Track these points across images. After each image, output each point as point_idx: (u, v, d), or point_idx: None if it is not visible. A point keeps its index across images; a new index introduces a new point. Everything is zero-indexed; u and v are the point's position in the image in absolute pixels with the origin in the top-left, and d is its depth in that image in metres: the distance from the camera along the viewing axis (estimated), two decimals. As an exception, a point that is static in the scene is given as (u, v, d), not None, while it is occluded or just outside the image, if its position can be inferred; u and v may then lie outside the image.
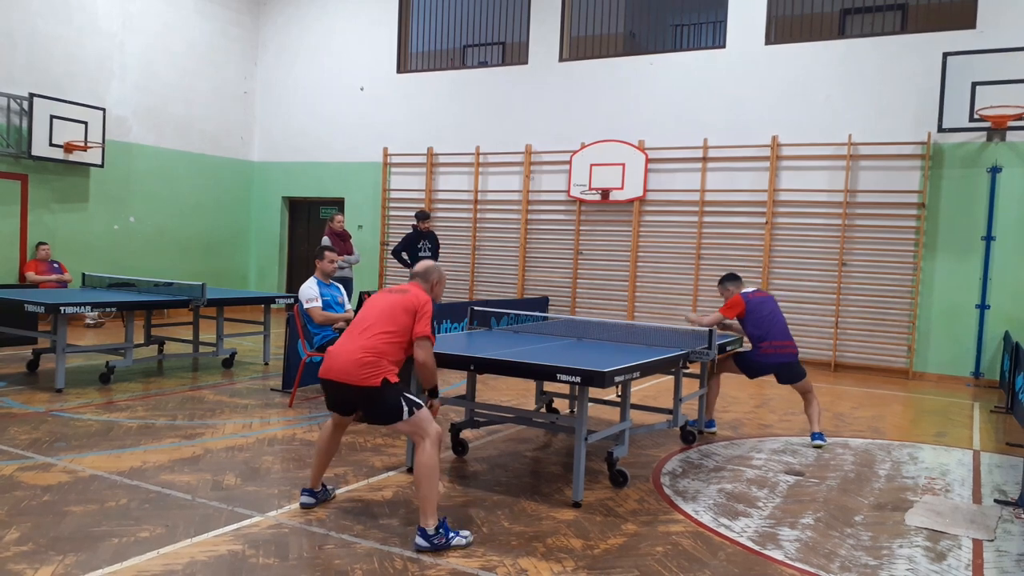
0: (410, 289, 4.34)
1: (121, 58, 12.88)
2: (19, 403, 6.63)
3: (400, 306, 4.18)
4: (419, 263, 4.57)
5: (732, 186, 11.42)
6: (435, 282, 4.51)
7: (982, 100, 9.51)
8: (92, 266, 12.23)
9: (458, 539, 3.89)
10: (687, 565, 3.80)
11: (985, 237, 10.06)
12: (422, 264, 4.56)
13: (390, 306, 4.20)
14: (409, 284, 4.45)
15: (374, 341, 4.07)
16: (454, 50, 15.04)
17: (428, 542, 3.82)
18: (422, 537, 3.83)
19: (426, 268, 4.51)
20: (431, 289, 4.46)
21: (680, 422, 6.14)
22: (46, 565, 3.46)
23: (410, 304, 4.19)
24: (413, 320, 4.16)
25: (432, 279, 4.50)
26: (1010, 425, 7.56)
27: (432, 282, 4.49)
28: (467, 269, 13.27)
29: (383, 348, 4.07)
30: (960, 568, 3.90)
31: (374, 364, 4.02)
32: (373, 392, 4.02)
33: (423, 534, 3.84)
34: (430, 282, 4.48)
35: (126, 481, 4.67)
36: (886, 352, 10.61)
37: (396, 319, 4.15)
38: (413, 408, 4.02)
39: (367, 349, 4.05)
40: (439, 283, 4.55)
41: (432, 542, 3.82)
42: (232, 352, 8.94)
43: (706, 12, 13.59)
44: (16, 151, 11.40)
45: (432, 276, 4.50)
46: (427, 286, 4.45)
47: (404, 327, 4.15)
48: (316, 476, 4.43)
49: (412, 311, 4.18)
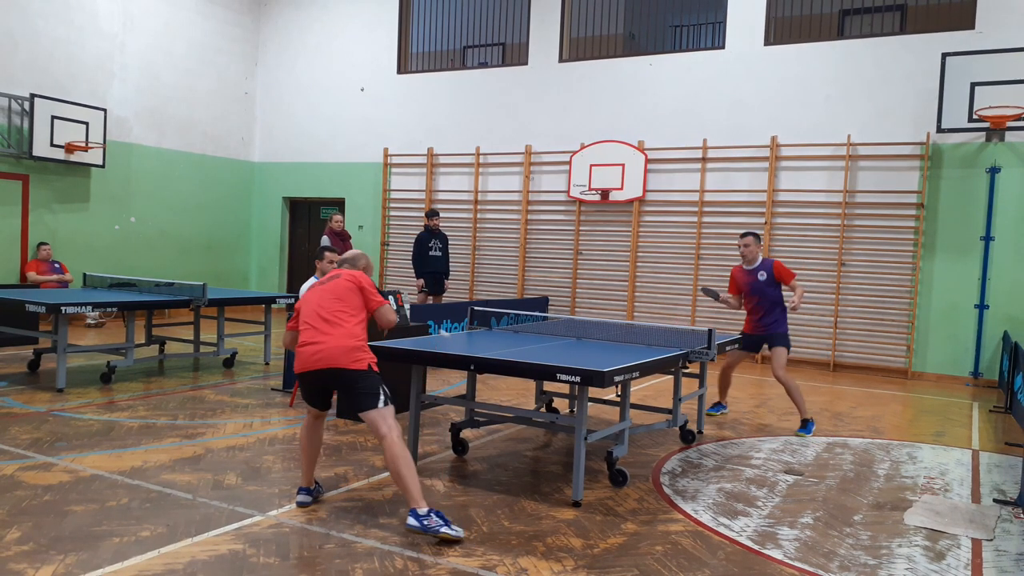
0: (341, 272, 4.49)
1: (122, 59, 12.89)
2: (20, 403, 6.65)
3: (345, 289, 4.35)
4: (347, 252, 4.75)
5: (731, 186, 11.44)
6: (363, 268, 4.64)
7: (981, 100, 9.52)
8: (93, 266, 12.25)
9: (448, 529, 3.91)
10: (686, 564, 3.82)
11: (984, 237, 10.07)
12: (349, 252, 4.73)
13: (338, 294, 4.34)
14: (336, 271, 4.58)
15: (351, 328, 4.23)
16: (454, 51, 15.06)
17: (419, 522, 3.92)
18: (413, 517, 3.95)
19: (353, 255, 4.68)
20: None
21: (680, 422, 6.15)
22: (47, 564, 3.47)
23: (352, 284, 4.37)
24: (362, 297, 4.36)
25: (360, 265, 4.64)
26: (1009, 425, 7.58)
27: (360, 268, 4.63)
28: (467, 269, 13.29)
29: (359, 332, 4.27)
30: (959, 567, 3.91)
31: (360, 349, 4.21)
32: (359, 376, 4.15)
33: (414, 515, 3.95)
34: (357, 267, 4.62)
35: (127, 481, 4.69)
36: (885, 352, 10.62)
37: (351, 302, 4.33)
38: (388, 400, 4.18)
39: (351, 335, 4.21)
40: (367, 269, 4.66)
41: (423, 523, 3.91)
42: (233, 352, 8.95)
43: (705, 13, 13.60)
44: (17, 151, 11.42)
45: (359, 263, 4.65)
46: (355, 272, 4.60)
47: (359, 306, 4.36)
48: (308, 473, 4.47)
49: (357, 289, 4.36)
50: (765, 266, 7.00)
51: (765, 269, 6.98)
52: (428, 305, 10.20)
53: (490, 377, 8.55)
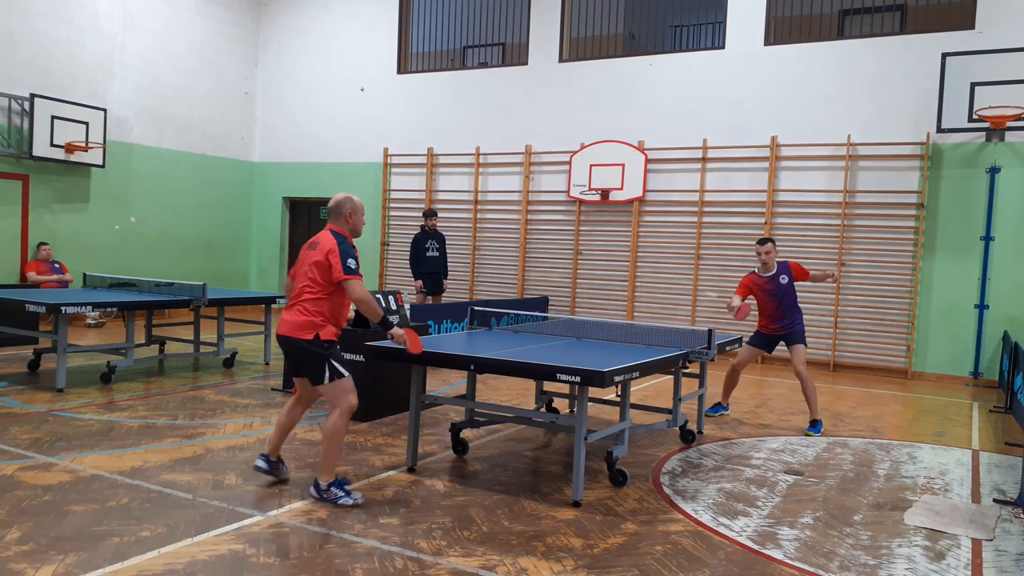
0: (320, 239, 4.36)
1: (122, 59, 12.89)
2: (20, 403, 6.65)
3: (311, 261, 4.30)
4: (331, 200, 4.48)
5: (731, 186, 11.44)
6: (348, 213, 4.42)
7: (981, 100, 9.52)
8: (93, 266, 12.26)
9: (346, 499, 4.26)
10: (686, 564, 3.82)
11: (984, 237, 10.07)
12: (333, 199, 4.47)
13: (306, 264, 4.34)
14: (323, 231, 4.45)
15: (305, 305, 4.30)
16: (454, 51, 15.06)
17: (319, 494, 4.31)
18: (314, 488, 4.36)
19: (337, 202, 4.44)
20: (347, 222, 4.43)
21: (680, 422, 6.15)
22: (47, 564, 3.47)
23: (319, 257, 4.27)
24: (329, 272, 4.27)
25: (345, 211, 4.42)
26: (1009, 425, 7.58)
27: (345, 214, 4.42)
28: (467, 269, 13.29)
29: (312, 307, 4.29)
30: (959, 567, 3.91)
31: (309, 325, 4.29)
32: (304, 346, 4.28)
33: (316, 486, 4.35)
34: (343, 215, 4.42)
35: (127, 481, 4.69)
36: (885, 352, 10.62)
37: (313, 275, 4.29)
38: (334, 376, 4.30)
39: (302, 311, 4.31)
40: (353, 213, 4.44)
41: (323, 496, 4.30)
42: (233, 352, 8.95)
43: (705, 13, 13.60)
44: (17, 151, 11.42)
45: (344, 208, 4.42)
46: (341, 222, 4.43)
47: (324, 280, 4.28)
48: (274, 446, 4.65)
49: (324, 264, 4.27)
50: (784, 269, 7.04)
51: (785, 272, 7.03)
52: (428, 305, 10.20)
53: (490, 377, 8.55)
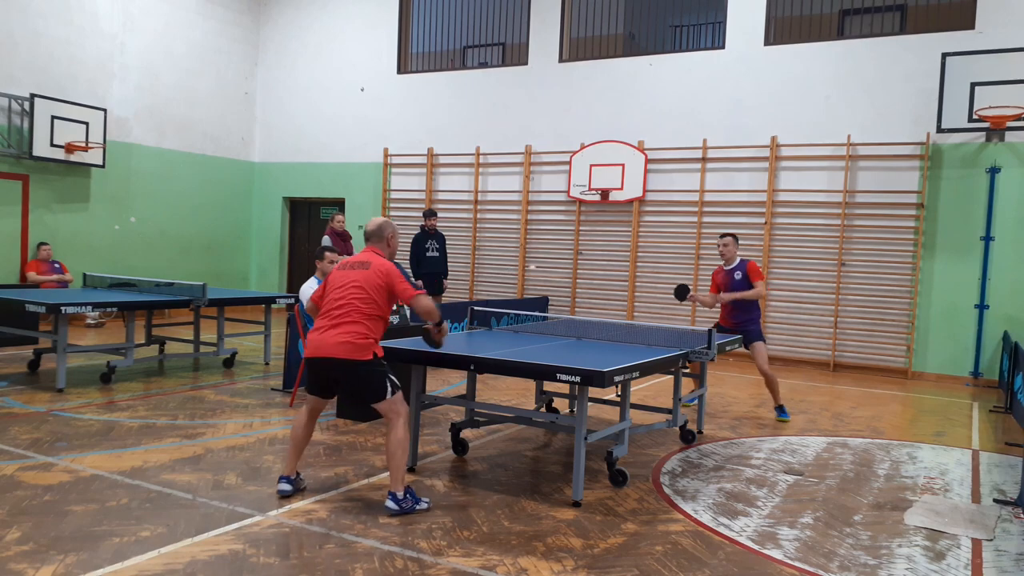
0: (371, 260, 4.39)
1: (122, 59, 12.89)
2: (20, 403, 6.65)
3: (369, 285, 4.30)
4: (370, 222, 4.58)
5: (731, 186, 11.44)
6: (390, 236, 4.56)
7: (981, 100, 9.52)
8: (93, 266, 12.26)
9: (421, 505, 4.32)
10: (686, 564, 3.82)
11: (984, 237, 10.07)
12: (373, 222, 4.56)
13: (360, 286, 4.31)
14: (367, 252, 4.48)
15: (359, 327, 4.26)
16: (454, 51, 15.06)
17: (398, 505, 4.24)
18: (392, 500, 4.25)
19: (378, 226, 4.54)
20: (387, 246, 4.55)
21: (680, 422, 6.15)
22: (47, 564, 3.47)
23: (379, 281, 4.31)
24: (387, 294, 4.34)
25: (387, 234, 4.54)
26: (1009, 425, 7.57)
27: (387, 237, 4.54)
28: (467, 269, 13.29)
29: (368, 327, 4.29)
30: (959, 567, 3.91)
31: (367, 346, 4.28)
32: (362, 367, 4.25)
33: (394, 498, 4.26)
34: (384, 238, 4.54)
35: (127, 481, 4.69)
36: (885, 352, 10.62)
37: (371, 298, 4.30)
38: (395, 388, 4.32)
39: (358, 334, 4.25)
40: (394, 236, 4.59)
41: (402, 506, 4.24)
42: (233, 352, 8.95)
43: (705, 13, 13.59)
44: (17, 151, 11.42)
45: (386, 232, 4.55)
46: (383, 245, 4.53)
47: (382, 304, 4.34)
48: (292, 464, 4.57)
49: (384, 287, 4.33)
50: (741, 266, 7.44)
51: (741, 269, 7.42)
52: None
53: (490, 377, 8.55)
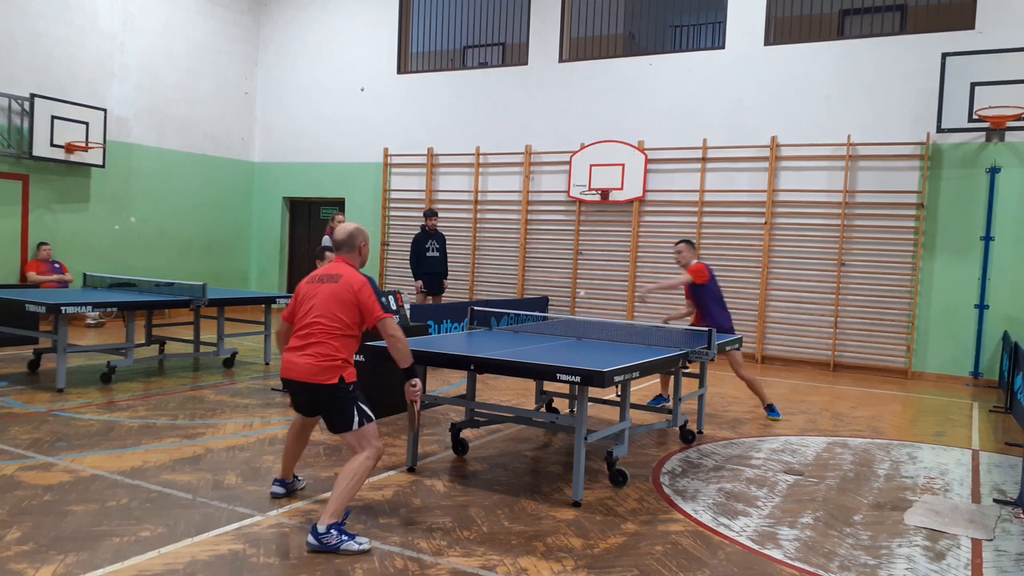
0: (340, 273, 4.09)
1: (122, 59, 12.89)
2: (20, 403, 6.65)
3: (338, 300, 4.00)
4: (338, 228, 4.25)
5: (731, 186, 11.44)
6: (361, 245, 4.25)
7: (981, 100, 9.52)
8: (93, 266, 12.26)
9: (351, 544, 3.74)
10: (686, 564, 3.82)
11: (984, 237, 10.07)
12: (342, 229, 4.23)
13: (328, 302, 4.01)
14: (337, 263, 4.19)
15: (325, 347, 3.96)
16: (454, 51, 15.06)
17: (317, 540, 3.72)
18: (312, 535, 3.76)
19: (348, 233, 4.21)
20: (359, 255, 4.25)
21: (679, 422, 6.16)
22: (47, 564, 3.47)
23: (348, 296, 4.01)
24: (359, 311, 4.03)
25: (358, 243, 4.23)
26: (1009, 425, 7.58)
27: (359, 246, 4.23)
28: (467, 269, 13.29)
29: (335, 347, 3.98)
30: (959, 567, 3.91)
31: (332, 368, 3.96)
32: (324, 391, 3.96)
33: (314, 531, 3.75)
34: (356, 247, 4.23)
35: (127, 480, 4.69)
36: (885, 352, 10.62)
37: (339, 315, 4.00)
38: (364, 420, 3.98)
39: (322, 355, 3.96)
40: (365, 244, 4.27)
41: (322, 541, 3.71)
42: (233, 352, 8.95)
43: (705, 13, 13.59)
44: (17, 151, 11.42)
45: (358, 240, 4.23)
46: (354, 254, 4.22)
47: (351, 322, 4.03)
48: (287, 467, 4.50)
49: (353, 303, 4.02)
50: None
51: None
52: (428, 305, 10.21)
53: (490, 377, 8.55)
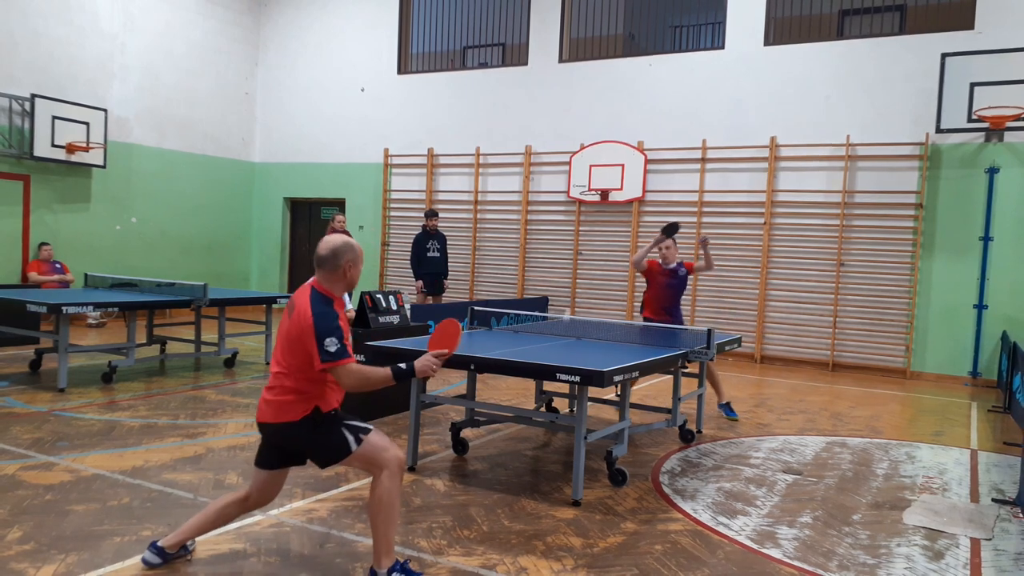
0: (298, 301, 3.33)
1: (122, 59, 12.91)
2: (22, 403, 6.66)
3: (286, 338, 3.32)
4: (322, 242, 3.43)
5: (731, 187, 11.45)
6: (347, 266, 3.38)
7: (980, 101, 9.53)
8: (94, 266, 12.27)
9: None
10: (686, 563, 3.83)
11: (983, 237, 10.08)
12: (325, 244, 3.39)
13: (280, 339, 3.38)
14: (304, 287, 3.42)
15: (282, 381, 3.31)
16: (454, 51, 15.07)
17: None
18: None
19: (332, 250, 3.37)
20: (343, 276, 3.39)
21: (679, 421, 6.17)
22: (48, 564, 3.48)
23: (294, 331, 3.27)
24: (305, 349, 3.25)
25: (343, 263, 3.36)
26: (1007, 424, 7.59)
27: (343, 267, 3.37)
28: (467, 269, 13.30)
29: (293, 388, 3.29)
30: (958, 567, 3.93)
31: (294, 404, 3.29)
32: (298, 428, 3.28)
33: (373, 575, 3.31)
34: (340, 268, 3.36)
35: (128, 480, 4.70)
36: (884, 352, 10.63)
37: (291, 352, 3.29)
38: (359, 436, 3.31)
39: (280, 391, 3.31)
40: (353, 265, 3.40)
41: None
42: (234, 352, 8.97)
43: (705, 13, 13.60)
44: (18, 152, 11.43)
45: (343, 258, 3.36)
46: (336, 276, 3.37)
47: (303, 361, 3.27)
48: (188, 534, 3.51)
49: (300, 340, 3.25)
50: (680, 264, 7.50)
51: (681, 266, 7.49)
52: (428, 305, 10.22)
53: (490, 377, 8.57)
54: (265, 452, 3.49)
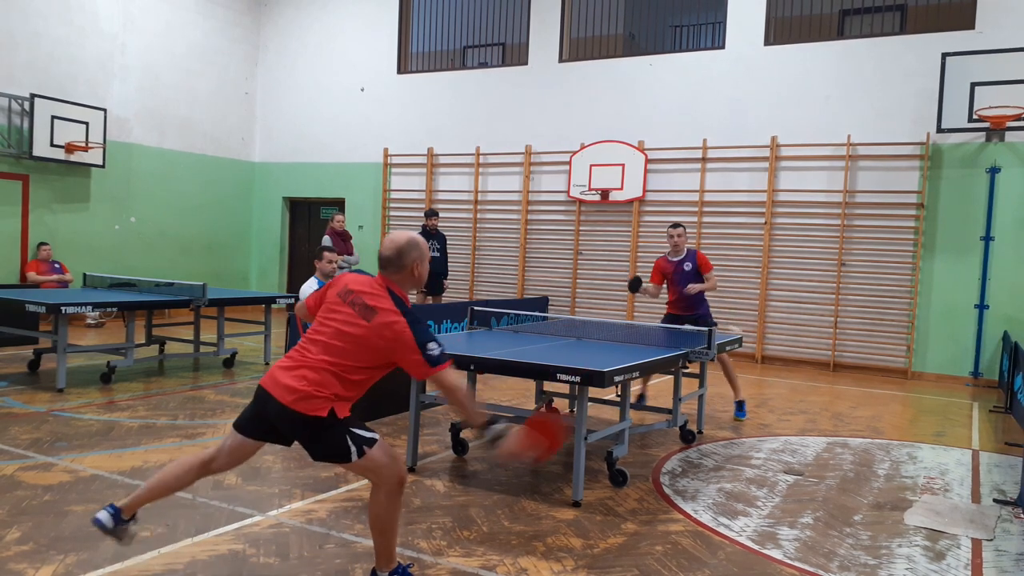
0: (378, 308, 3.11)
1: (122, 59, 12.90)
2: (20, 403, 6.65)
3: (364, 343, 3.11)
4: (387, 240, 3.27)
5: (731, 186, 11.44)
6: (415, 264, 3.23)
7: (981, 100, 9.52)
8: (93, 266, 12.25)
9: None
10: (686, 564, 3.82)
11: (984, 237, 10.07)
12: (391, 243, 3.24)
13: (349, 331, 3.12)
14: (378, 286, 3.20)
15: (321, 375, 3.09)
16: (454, 51, 15.06)
17: None
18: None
19: (398, 249, 3.21)
20: (412, 275, 3.25)
21: (679, 422, 6.16)
22: (47, 564, 3.47)
23: (380, 344, 3.09)
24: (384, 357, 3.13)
25: (409, 262, 3.22)
26: (1009, 425, 7.58)
27: (411, 266, 3.23)
28: (467, 269, 13.29)
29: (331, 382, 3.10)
30: (959, 567, 3.91)
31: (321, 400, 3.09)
32: (308, 424, 3.11)
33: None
34: (407, 267, 3.22)
35: (127, 481, 4.69)
36: (885, 352, 10.62)
37: (356, 352, 3.11)
38: (363, 446, 3.12)
39: (315, 382, 3.09)
40: (420, 262, 3.25)
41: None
42: (233, 352, 8.95)
43: (705, 13, 13.59)
44: (17, 151, 11.42)
45: (409, 257, 3.22)
46: (404, 275, 3.23)
47: (369, 362, 3.14)
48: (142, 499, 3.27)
49: (383, 349, 3.11)
50: (690, 256, 7.40)
51: (691, 260, 7.38)
52: (428, 305, 10.21)
53: (490, 377, 8.55)
54: (255, 422, 3.26)
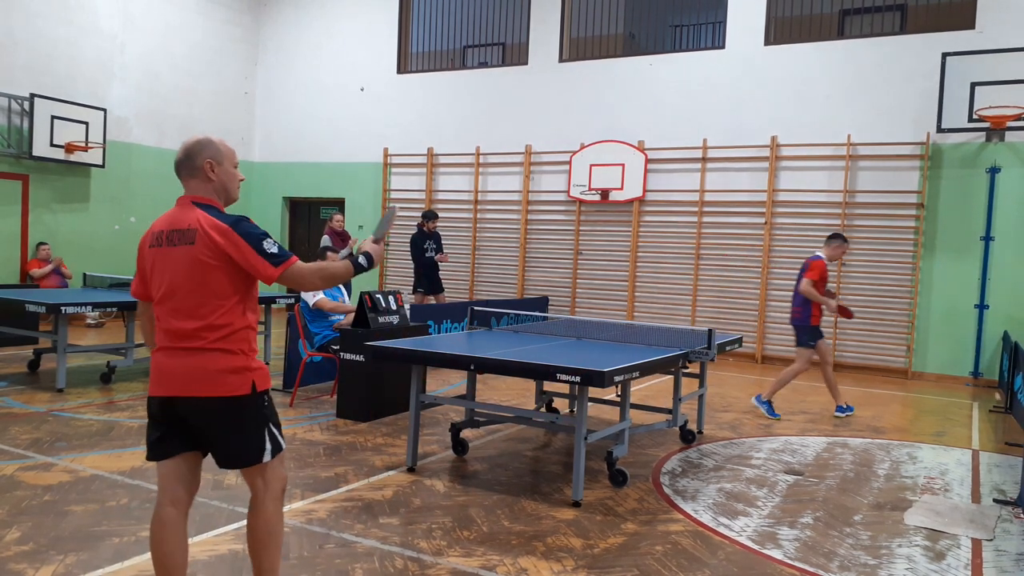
0: (193, 227, 2.69)
1: (122, 59, 12.90)
2: (20, 403, 6.65)
3: (192, 267, 2.67)
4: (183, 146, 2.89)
5: (731, 186, 11.44)
6: (209, 163, 2.82)
7: (981, 100, 9.52)
8: (93, 266, 12.25)
9: None
10: (686, 564, 3.82)
11: (984, 237, 10.07)
12: (182, 144, 2.87)
13: (188, 271, 2.67)
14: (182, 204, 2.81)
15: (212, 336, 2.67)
16: (454, 51, 15.06)
17: None
18: None
19: (186, 149, 2.83)
20: (208, 177, 2.83)
21: (679, 422, 6.15)
22: (47, 564, 3.47)
23: (212, 261, 2.67)
24: (234, 269, 2.69)
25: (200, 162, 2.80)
26: (1009, 425, 7.57)
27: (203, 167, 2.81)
28: (467, 269, 13.29)
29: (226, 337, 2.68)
30: (959, 567, 3.91)
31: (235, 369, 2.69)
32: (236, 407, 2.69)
33: None
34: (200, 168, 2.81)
35: (127, 481, 4.68)
36: (885, 352, 10.62)
37: (203, 288, 2.67)
38: (276, 449, 2.81)
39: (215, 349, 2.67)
40: (216, 162, 2.84)
41: None
42: (232, 352, 8.93)
43: (706, 13, 13.59)
44: (17, 151, 11.42)
45: (200, 157, 2.80)
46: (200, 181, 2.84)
47: (229, 288, 2.70)
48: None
49: (222, 266, 2.67)
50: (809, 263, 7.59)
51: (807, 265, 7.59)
52: (428, 305, 10.21)
53: (490, 377, 8.55)
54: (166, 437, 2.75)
